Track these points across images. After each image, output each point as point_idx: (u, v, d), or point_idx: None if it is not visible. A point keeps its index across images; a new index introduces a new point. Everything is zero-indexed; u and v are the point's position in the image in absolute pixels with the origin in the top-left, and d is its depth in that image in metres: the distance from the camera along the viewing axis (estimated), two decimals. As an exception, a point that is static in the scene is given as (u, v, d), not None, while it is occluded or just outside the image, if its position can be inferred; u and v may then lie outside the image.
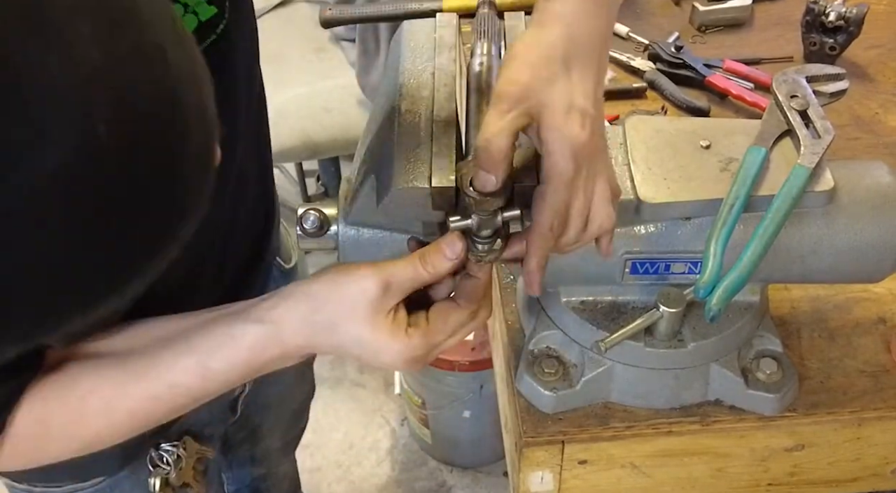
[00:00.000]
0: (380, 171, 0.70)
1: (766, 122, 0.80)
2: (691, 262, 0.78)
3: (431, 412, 1.89)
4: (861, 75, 1.28)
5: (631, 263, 0.78)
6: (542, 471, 0.86)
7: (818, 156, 0.76)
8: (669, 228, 0.77)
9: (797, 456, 0.88)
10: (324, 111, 2.02)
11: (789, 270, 0.79)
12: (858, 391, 0.86)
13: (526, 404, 0.85)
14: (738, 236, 0.74)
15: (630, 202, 0.75)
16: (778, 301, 0.95)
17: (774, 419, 0.84)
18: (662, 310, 0.79)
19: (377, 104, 0.80)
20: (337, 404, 2.19)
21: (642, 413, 0.85)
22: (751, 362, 0.85)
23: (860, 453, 0.88)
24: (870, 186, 0.79)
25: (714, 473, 0.89)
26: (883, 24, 1.37)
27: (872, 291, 0.96)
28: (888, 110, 1.22)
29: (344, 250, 0.76)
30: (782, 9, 1.43)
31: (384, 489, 2.03)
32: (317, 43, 2.17)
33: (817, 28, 1.27)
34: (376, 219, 0.74)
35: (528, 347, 0.86)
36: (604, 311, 0.83)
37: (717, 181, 0.76)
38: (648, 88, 1.27)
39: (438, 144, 0.68)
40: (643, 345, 0.81)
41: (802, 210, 0.76)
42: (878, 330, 0.92)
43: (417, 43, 0.78)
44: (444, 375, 1.76)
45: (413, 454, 2.09)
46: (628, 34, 1.37)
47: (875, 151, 1.15)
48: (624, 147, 0.79)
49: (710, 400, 0.85)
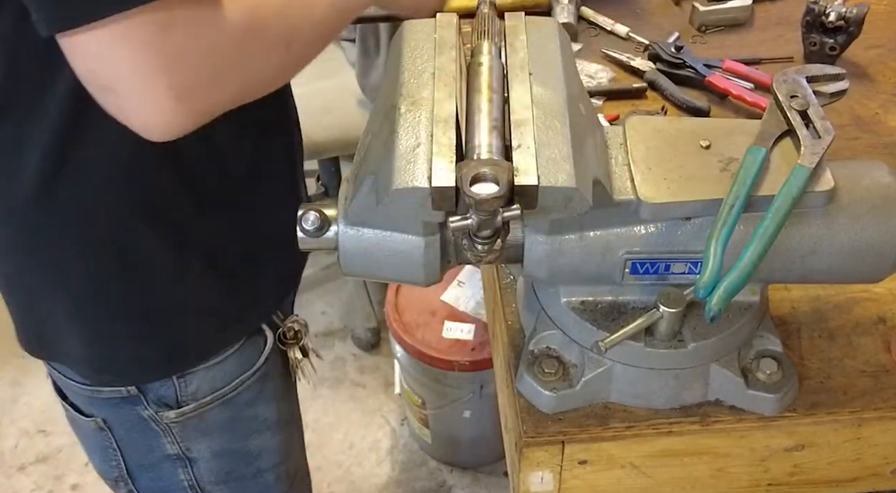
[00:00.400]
0: (380, 171, 0.70)
1: (766, 122, 0.80)
2: (691, 262, 0.78)
3: (431, 411, 1.89)
4: (861, 75, 1.28)
5: (631, 263, 0.78)
6: (542, 471, 0.86)
7: (818, 156, 0.76)
8: (669, 229, 0.77)
9: (797, 456, 0.88)
10: (324, 111, 2.01)
11: (789, 270, 0.79)
12: (858, 391, 0.86)
13: (526, 404, 0.85)
14: (738, 236, 0.74)
15: (630, 202, 0.75)
16: (778, 301, 0.95)
17: (774, 419, 0.84)
18: (662, 310, 0.79)
19: (377, 104, 0.80)
20: (337, 404, 2.19)
21: (642, 413, 0.85)
22: (751, 362, 0.85)
23: (860, 453, 0.88)
24: (870, 186, 0.79)
25: (714, 473, 0.89)
26: (883, 25, 1.37)
27: (872, 291, 0.96)
28: (888, 110, 1.22)
29: (344, 250, 0.76)
30: (782, 9, 1.43)
31: (384, 489, 2.03)
32: (317, 43, 2.17)
33: (817, 28, 1.27)
34: (376, 219, 0.74)
35: (528, 347, 0.86)
36: (604, 311, 0.83)
37: (718, 181, 0.76)
38: (648, 88, 1.27)
39: (438, 144, 0.68)
40: (643, 345, 0.81)
41: (802, 210, 0.76)
42: (878, 330, 0.92)
43: (417, 43, 0.78)
44: (443, 375, 1.76)
45: (413, 454, 2.09)
46: (628, 34, 1.37)
47: (875, 151, 1.15)
48: (624, 147, 0.79)
49: (710, 400, 0.85)
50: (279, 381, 1.03)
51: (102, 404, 0.94)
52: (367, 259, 0.76)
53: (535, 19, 0.81)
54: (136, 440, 0.97)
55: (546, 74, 0.75)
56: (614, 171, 0.77)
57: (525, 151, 0.67)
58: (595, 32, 1.40)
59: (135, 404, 0.93)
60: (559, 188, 0.66)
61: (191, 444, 0.98)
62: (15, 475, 2.07)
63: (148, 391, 0.92)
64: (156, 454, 0.98)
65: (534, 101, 0.72)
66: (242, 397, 0.97)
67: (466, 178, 0.62)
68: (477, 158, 0.65)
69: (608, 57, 1.33)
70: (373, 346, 2.32)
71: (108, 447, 0.99)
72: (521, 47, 0.77)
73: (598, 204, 0.70)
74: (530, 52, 0.77)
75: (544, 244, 0.77)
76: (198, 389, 0.94)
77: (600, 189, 0.72)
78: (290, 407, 1.08)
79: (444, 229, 0.74)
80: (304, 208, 0.76)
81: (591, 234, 0.77)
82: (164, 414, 0.94)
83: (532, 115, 0.70)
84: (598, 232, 0.77)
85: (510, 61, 0.76)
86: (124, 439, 0.98)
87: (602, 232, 0.77)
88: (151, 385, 0.92)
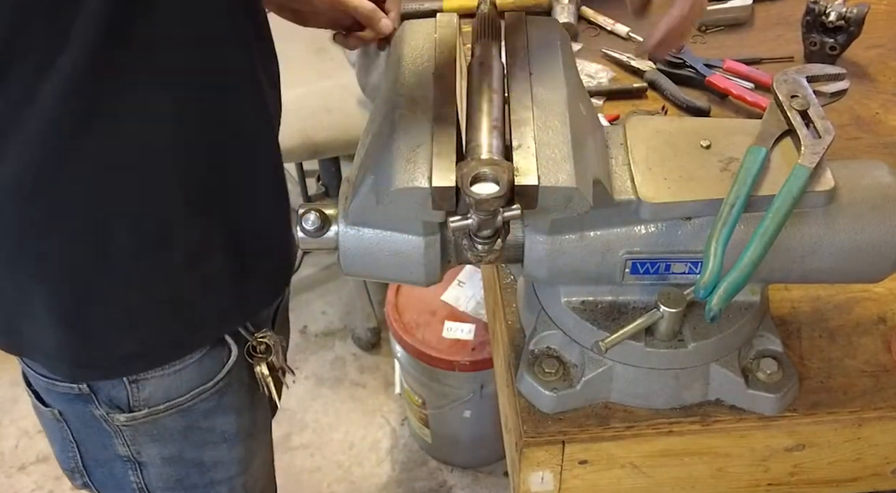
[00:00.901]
0: (380, 171, 0.70)
1: (766, 122, 0.80)
2: (691, 262, 0.78)
3: (431, 411, 1.89)
4: (861, 75, 1.28)
5: (631, 263, 0.78)
6: (543, 471, 0.86)
7: (818, 156, 0.76)
8: (670, 228, 0.77)
9: (797, 456, 0.88)
10: (324, 111, 2.01)
11: (789, 270, 0.79)
12: (859, 391, 0.86)
13: (526, 404, 0.85)
14: (738, 236, 0.74)
15: (630, 202, 0.75)
16: (778, 301, 0.95)
17: (775, 419, 0.84)
18: (663, 310, 0.79)
19: (377, 104, 0.80)
20: (337, 404, 2.20)
21: (642, 413, 0.85)
22: (751, 362, 0.85)
23: (860, 453, 0.88)
24: (870, 186, 0.79)
25: (714, 473, 0.89)
26: (883, 24, 1.38)
27: (873, 291, 0.96)
28: (889, 110, 1.22)
29: (344, 250, 0.76)
30: (783, 9, 1.43)
31: (384, 489, 2.03)
32: (317, 43, 2.17)
33: (818, 28, 1.27)
34: (376, 219, 0.74)
35: (528, 347, 0.86)
36: (604, 311, 0.83)
37: (718, 181, 0.76)
38: (649, 88, 1.27)
39: (438, 144, 0.68)
40: (643, 345, 0.81)
41: (803, 210, 0.76)
42: (878, 330, 0.93)
43: (417, 43, 0.78)
44: (444, 375, 1.76)
45: (413, 454, 2.09)
46: (629, 34, 1.37)
47: (875, 151, 1.15)
48: (624, 147, 0.79)
49: (710, 400, 0.85)
50: (243, 394, 0.99)
51: (58, 396, 0.93)
52: (367, 259, 0.76)
53: (535, 19, 0.81)
54: (91, 435, 0.96)
55: (546, 74, 0.75)
56: (614, 171, 0.77)
57: (525, 151, 0.67)
58: (595, 32, 1.40)
59: (87, 402, 0.92)
60: (559, 188, 0.66)
61: (141, 448, 0.96)
62: (15, 474, 2.07)
63: (99, 391, 0.91)
64: (108, 452, 0.97)
65: (534, 101, 0.72)
66: (199, 407, 0.95)
67: (467, 178, 0.62)
68: (477, 159, 0.65)
69: (608, 57, 1.33)
70: (373, 346, 2.32)
71: (65, 439, 0.98)
72: (521, 47, 0.77)
73: (598, 204, 0.70)
74: (530, 53, 0.77)
75: (544, 244, 0.77)
76: (150, 395, 0.91)
77: (600, 189, 0.72)
78: (252, 420, 1.04)
79: (444, 229, 0.74)
80: (304, 208, 0.76)
81: (592, 234, 0.77)
82: (115, 416, 0.92)
83: (532, 115, 0.70)
84: (599, 232, 0.77)
85: (510, 61, 0.76)
86: (80, 432, 0.96)
87: (602, 232, 0.77)
88: (102, 385, 0.90)
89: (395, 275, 0.78)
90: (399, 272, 0.77)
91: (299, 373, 2.26)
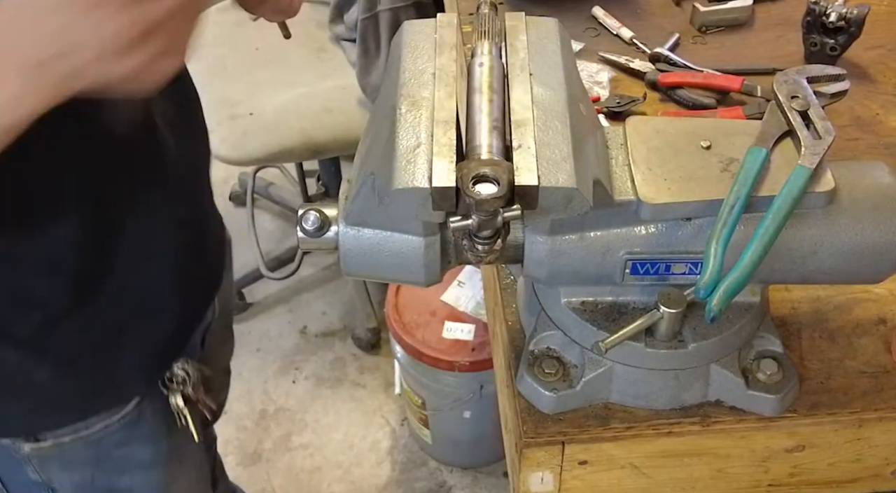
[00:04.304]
0: (380, 171, 0.70)
1: (766, 122, 0.79)
2: (692, 262, 0.78)
3: (431, 412, 1.89)
4: (862, 76, 1.28)
5: (631, 263, 0.78)
6: (543, 471, 0.86)
7: (819, 156, 0.76)
8: (670, 229, 0.77)
9: (797, 457, 0.88)
10: (324, 111, 2.01)
11: (790, 270, 0.79)
12: (859, 392, 0.86)
13: (526, 405, 0.85)
14: (738, 237, 0.74)
15: (630, 203, 0.75)
16: (778, 302, 0.95)
17: (775, 420, 0.84)
18: (663, 311, 0.79)
19: (377, 104, 0.80)
20: (337, 404, 2.20)
21: (642, 414, 0.84)
22: (751, 362, 0.85)
23: (861, 454, 0.88)
24: (870, 187, 0.79)
25: (714, 474, 0.89)
26: (884, 25, 1.37)
27: (873, 291, 0.96)
28: (889, 111, 1.22)
29: (344, 250, 0.76)
30: (783, 9, 1.42)
31: (384, 489, 2.03)
32: (317, 43, 2.17)
33: (818, 29, 1.27)
34: (376, 219, 0.74)
35: (528, 347, 0.86)
36: (604, 311, 0.83)
37: (718, 182, 0.76)
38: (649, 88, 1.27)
39: (438, 144, 0.68)
40: (643, 345, 0.81)
41: (803, 211, 0.76)
42: (878, 331, 0.92)
43: (417, 43, 0.78)
44: (444, 375, 1.76)
45: (413, 454, 2.09)
46: (632, 40, 1.37)
47: (875, 152, 1.15)
48: (624, 147, 0.79)
49: (710, 401, 0.85)
50: (158, 422, 0.97)
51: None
52: (367, 259, 0.76)
53: (535, 19, 0.81)
54: (5, 460, 0.95)
55: (546, 74, 0.74)
56: (615, 171, 0.77)
57: (525, 152, 0.67)
58: (596, 32, 1.40)
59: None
60: (559, 188, 0.66)
61: (52, 475, 0.95)
62: (15, 474, 2.07)
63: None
64: (23, 478, 0.96)
65: (534, 101, 0.72)
66: (108, 439, 0.94)
67: (467, 178, 0.62)
68: (477, 159, 0.65)
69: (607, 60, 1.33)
70: (373, 346, 2.32)
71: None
72: (522, 47, 0.77)
73: (598, 204, 0.70)
74: (530, 52, 0.77)
75: (544, 245, 0.77)
76: (56, 425, 0.91)
77: (600, 189, 0.72)
78: (172, 446, 1.01)
79: (444, 230, 0.74)
80: (304, 208, 0.76)
81: (592, 234, 0.77)
82: (20, 445, 0.91)
83: (532, 115, 0.70)
84: (599, 232, 0.77)
85: (510, 61, 0.76)
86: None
87: (602, 232, 0.77)
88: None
89: (395, 275, 0.78)
90: (399, 273, 0.77)
91: (299, 373, 2.26)
